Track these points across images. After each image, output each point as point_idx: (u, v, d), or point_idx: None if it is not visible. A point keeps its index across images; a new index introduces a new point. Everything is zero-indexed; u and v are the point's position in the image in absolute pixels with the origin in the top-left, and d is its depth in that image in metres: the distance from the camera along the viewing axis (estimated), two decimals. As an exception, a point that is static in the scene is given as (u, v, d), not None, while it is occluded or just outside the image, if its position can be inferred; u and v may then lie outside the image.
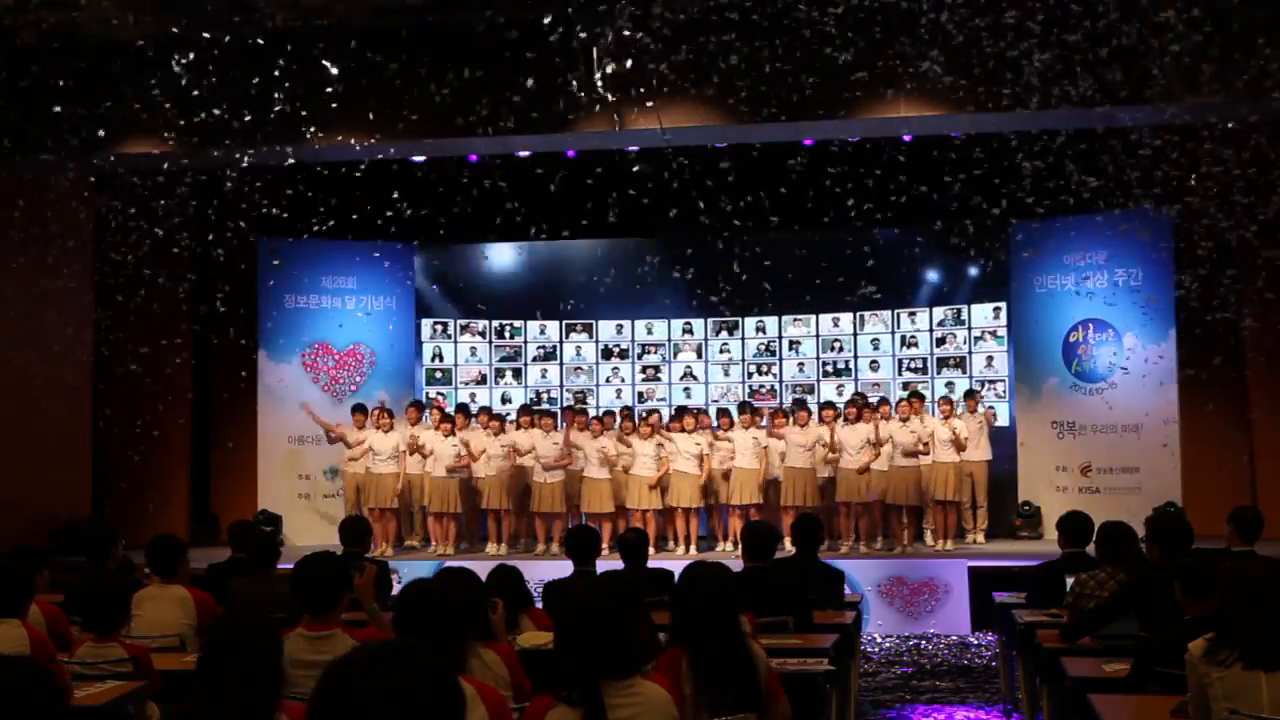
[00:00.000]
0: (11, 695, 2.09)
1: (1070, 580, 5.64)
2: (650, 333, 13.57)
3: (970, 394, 11.68)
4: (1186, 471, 10.82)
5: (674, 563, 8.15)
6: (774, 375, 13.35)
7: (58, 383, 10.91)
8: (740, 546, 6.51)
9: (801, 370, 13.24)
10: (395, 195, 11.33)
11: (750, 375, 13.40)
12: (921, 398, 11.44)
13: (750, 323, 13.42)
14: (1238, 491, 10.36)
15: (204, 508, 12.35)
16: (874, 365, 12.97)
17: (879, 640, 9.43)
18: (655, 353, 13.59)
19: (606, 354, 13.59)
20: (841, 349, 13.19)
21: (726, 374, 13.43)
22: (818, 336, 13.25)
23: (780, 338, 13.38)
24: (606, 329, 13.59)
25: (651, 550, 10.51)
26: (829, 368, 13.17)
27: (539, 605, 5.83)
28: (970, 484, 11.09)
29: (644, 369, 13.55)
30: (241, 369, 12.14)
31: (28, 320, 10.73)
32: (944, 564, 9.99)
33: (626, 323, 13.56)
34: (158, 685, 4.53)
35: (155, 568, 5.64)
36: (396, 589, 7.84)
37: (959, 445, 10.70)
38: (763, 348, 13.44)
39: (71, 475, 11.27)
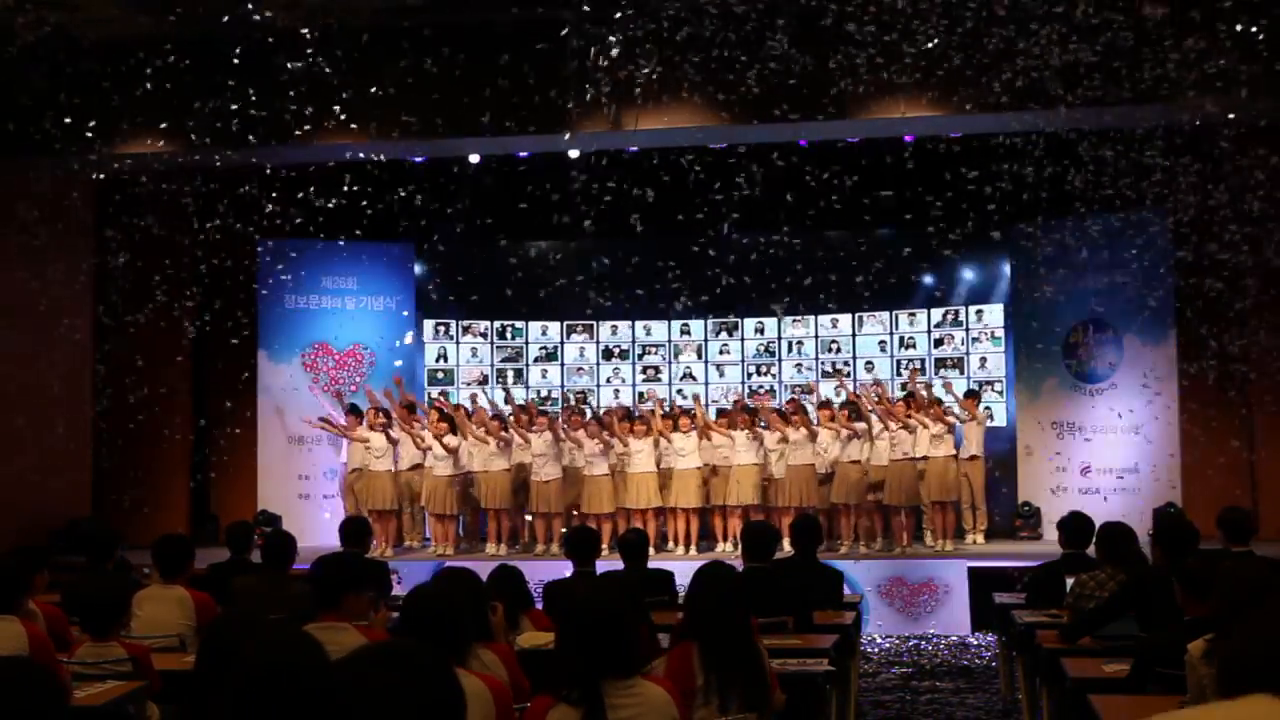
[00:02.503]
0: (11, 695, 2.09)
1: (1070, 580, 5.64)
2: (649, 333, 13.59)
3: (970, 394, 11.68)
4: (1186, 471, 10.81)
5: (674, 563, 8.17)
6: (774, 375, 13.37)
7: (58, 382, 10.90)
8: (740, 547, 6.52)
9: (800, 371, 13.26)
10: (395, 195, 11.34)
11: (750, 375, 13.42)
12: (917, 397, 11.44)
13: (750, 323, 13.44)
14: (1238, 492, 10.36)
15: (204, 508, 12.35)
16: (869, 366, 12.98)
17: (879, 640, 9.43)
18: (655, 353, 13.60)
19: (607, 354, 13.60)
20: (840, 350, 13.21)
21: (722, 374, 13.45)
22: (816, 337, 13.26)
23: (780, 338, 13.39)
24: (606, 330, 13.60)
25: (651, 551, 10.54)
26: (828, 368, 13.18)
27: (539, 605, 5.83)
28: (967, 484, 11.09)
29: (644, 369, 13.56)
30: (241, 369, 12.14)
31: (27, 320, 10.72)
32: (944, 564, 9.99)
33: (626, 324, 13.57)
34: (157, 685, 4.52)
35: (161, 567, 5.64)
36: (397, 589, 7.85)
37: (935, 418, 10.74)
38: (762, 348, 13.46)
39: (71, 475, 11.27)
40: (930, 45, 9.04)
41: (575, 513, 11.06)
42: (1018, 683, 6.58)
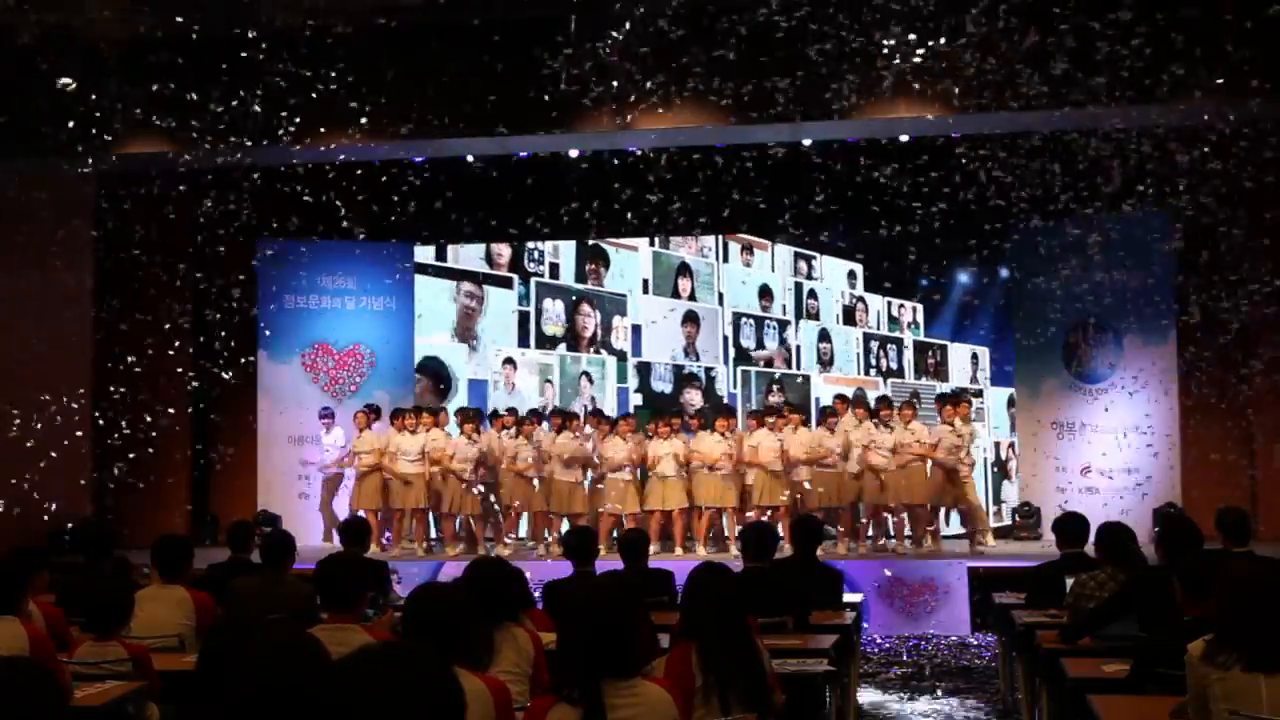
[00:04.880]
0: (12, 695, 2.09)
1: (1070, 581, 5.63)
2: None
3: (970, 395, 11.69)
4: (1186, 472, 10.81)
5: (680, 563, 8.15)
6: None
7: (58, 382, 10.90)
8: (740, 547, 6.51)
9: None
10: (395, 195, 11.34)
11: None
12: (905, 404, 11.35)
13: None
14: (1238, 492, 10.36)
15: (204, 508, 12.35)
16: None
17: (879, 640, 9.43)
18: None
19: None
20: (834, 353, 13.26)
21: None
22: (777, 344, 13.35)
23: (782, 340, 13.43)
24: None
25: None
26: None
27: (539, 606, 5.82)
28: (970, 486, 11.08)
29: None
30: (241, 369, 12.14)
31: (28, 319, 10.72)
32: (944, 564, 9.99)
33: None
34: (157, 685, 4.52)
35: (161, 568, 5.64)
36: (398, 589, 7.84)
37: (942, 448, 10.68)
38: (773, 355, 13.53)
39: (71, 475, 11.26)
40: (932, 45, 9.04)
41: (601, 512, 11.03)
42: (1018, 683, 6.58)
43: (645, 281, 13.06)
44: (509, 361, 13.04)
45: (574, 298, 13.07)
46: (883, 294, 13.15)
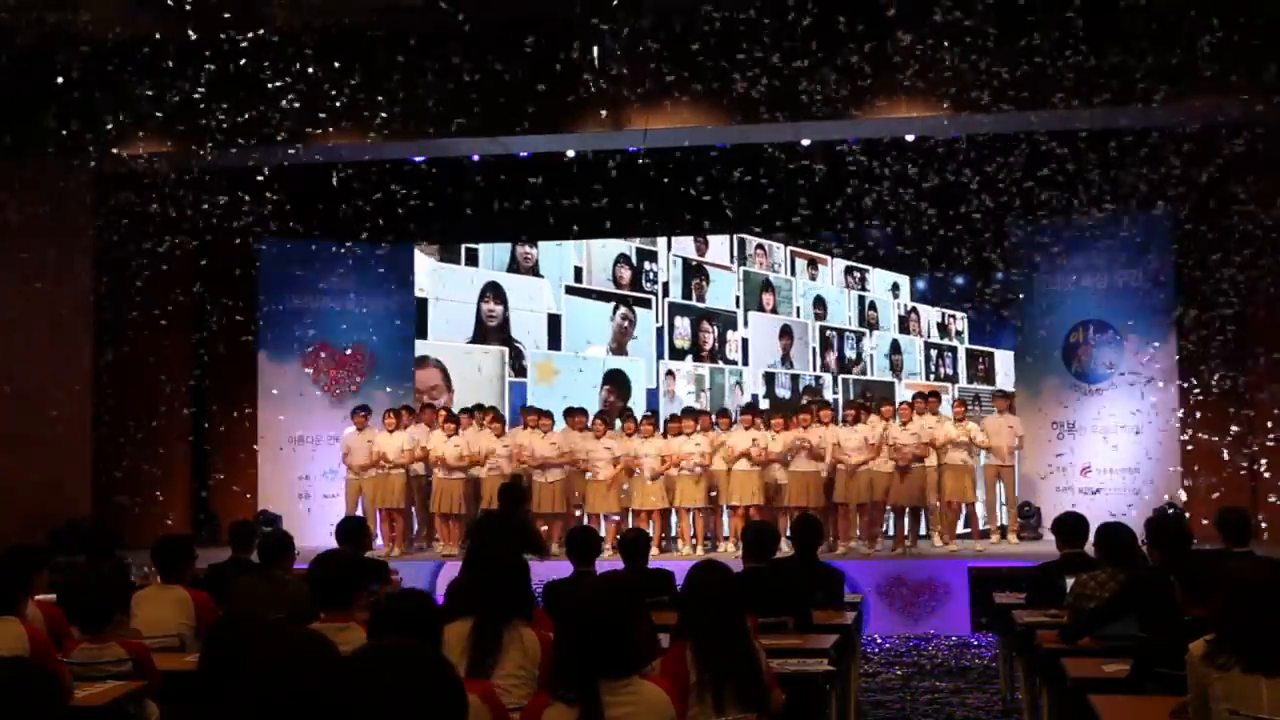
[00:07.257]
0: (11, 695, 2.09)
1: (1070, 581, 5.63)
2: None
3: (1001, 394, 11.70)
4: (1186, 471, 10.81)
5: (677, 563, 8.15)
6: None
7: (58, 382, 10.90)
8: (740, 546, 6.51)
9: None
10: (395, 195, 11.34)
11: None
12: (934, 398, 11.32)
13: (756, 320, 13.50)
14: (1238, 492, 10.36)
15: (204, 508, 12.35)
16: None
17: (879, 640, 9.43)
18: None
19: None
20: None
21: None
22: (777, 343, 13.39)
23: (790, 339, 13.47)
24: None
25: (655, 551, 10.54)
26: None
27: (540, 605, 5.82)
28: (998, 486, 11.05)
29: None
30: (241, 369, 12.14)
31: (28, 320, 10.72)
32: (944, 564, 9.99)
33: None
34: (157, 683, 4.51)
35: (161, 567, 5.63)
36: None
37: (972, 446, 10.65)
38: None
39: (71, 475, 11.26)
40: (931, 45, 9.05)
41: (578, 512, 11.05)
42: (1018, 683, 6.58)
43: (737, 298, 13.74)
44: (670, 374, 13.59)
45: (697, 315, 13.78)
46: (922, 301, 13.33)
